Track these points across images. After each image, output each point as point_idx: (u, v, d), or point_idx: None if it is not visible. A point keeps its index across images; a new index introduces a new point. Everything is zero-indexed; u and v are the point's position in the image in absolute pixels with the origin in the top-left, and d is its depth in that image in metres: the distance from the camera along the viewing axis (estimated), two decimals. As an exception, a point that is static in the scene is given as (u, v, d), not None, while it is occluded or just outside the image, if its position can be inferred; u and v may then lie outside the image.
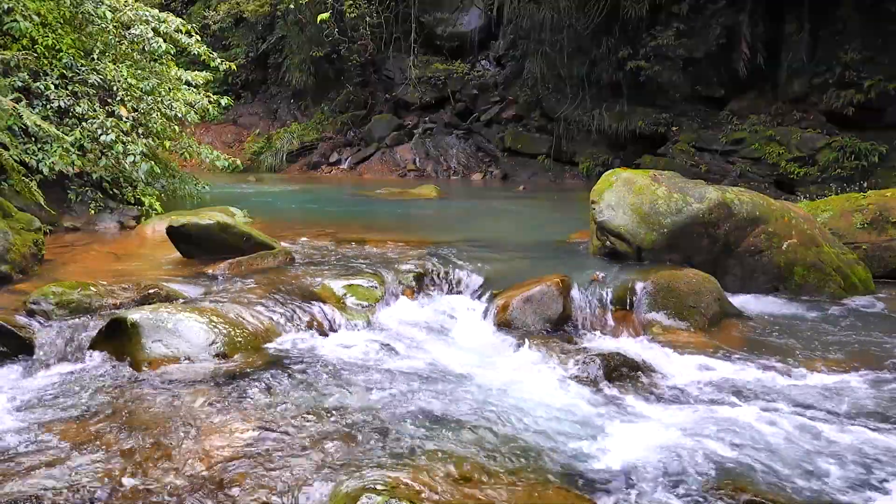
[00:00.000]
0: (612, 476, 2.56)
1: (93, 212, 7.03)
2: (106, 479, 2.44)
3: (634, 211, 5.27)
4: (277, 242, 5.67)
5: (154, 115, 7.64)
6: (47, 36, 6.93)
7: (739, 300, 4.92)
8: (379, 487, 2.28)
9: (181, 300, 4.32)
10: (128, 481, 2.43)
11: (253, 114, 20.80)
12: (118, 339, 3.65)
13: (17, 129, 6.12)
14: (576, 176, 15.32)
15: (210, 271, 5.02)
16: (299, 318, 4.24)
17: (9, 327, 3.69)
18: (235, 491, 2.39)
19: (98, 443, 2.72)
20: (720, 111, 13.87)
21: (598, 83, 14.71)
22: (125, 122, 7.12)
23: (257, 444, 2.72)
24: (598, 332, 4.46)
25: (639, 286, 4.63)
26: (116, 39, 7.73)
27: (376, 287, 4.78)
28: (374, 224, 8.49)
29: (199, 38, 8.65)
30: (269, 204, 10.72)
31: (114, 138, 6.78)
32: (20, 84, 6.56)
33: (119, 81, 7.33)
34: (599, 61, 14.42)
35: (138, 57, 8.05)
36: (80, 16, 7.23)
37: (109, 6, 7.39)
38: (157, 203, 7.49)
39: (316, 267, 5.24)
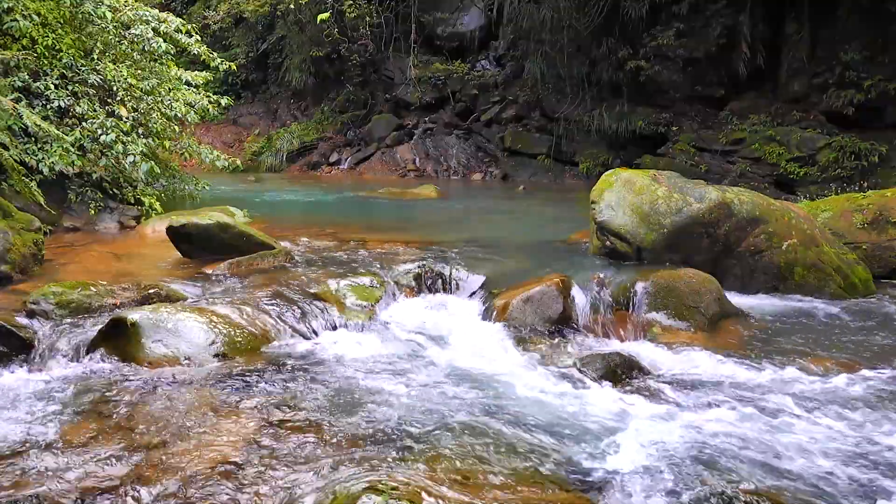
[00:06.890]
0: (611, 476, 2.56)
1: (93, 212, 7.02)
2: (106, 480, 2.44)
3: (634, 211, 5.27)
4: (277, 242, 5.67)
5: (154, 115, 7.65)
6: (47, 36, 6.92)
7: (739, 300, 4.92)
8: (379, 487, 2.28)
9: (181, 300, 4.32)
10: (127, 481, 2.43)
11: (253, 114, 20.77)
12: (118, 338, 3.66)
13: (17, 129, 6.12)
14: (576, 176, 15.30)
15: (210, 271, 5.02)
16: (299, 318, 4.24)
17: (9, 327, 3.69)
18: (235, 491, 2.39)
19: (98, 443, 2.72)
20: (720, 111, 13.86)
21: (598, 83, 14.70)
22: (125, 122, 7.12)
23: (257, 444, 2.72)
24: (598, 333, 4.46)
25: (639, 286, 4.63)
26: (116, 39, 7.72)
27: (376, 287, 4.78)
28: (374, 224, 8.49)
29: (199, 38, 8.65)
30: (269, 204, 10.72)
31: (114, 138, 6.78)
32: (20, 84, 6.56)
33: (119, 81, 7.32)
34: (599, 61, 14.41)
35: (138, 57, 8.05)
36: (80, 16, 7.22)
37: (109, 6, 7.38)
38: (157, 203, 7.49)
39: (316, 267, 5.24)
